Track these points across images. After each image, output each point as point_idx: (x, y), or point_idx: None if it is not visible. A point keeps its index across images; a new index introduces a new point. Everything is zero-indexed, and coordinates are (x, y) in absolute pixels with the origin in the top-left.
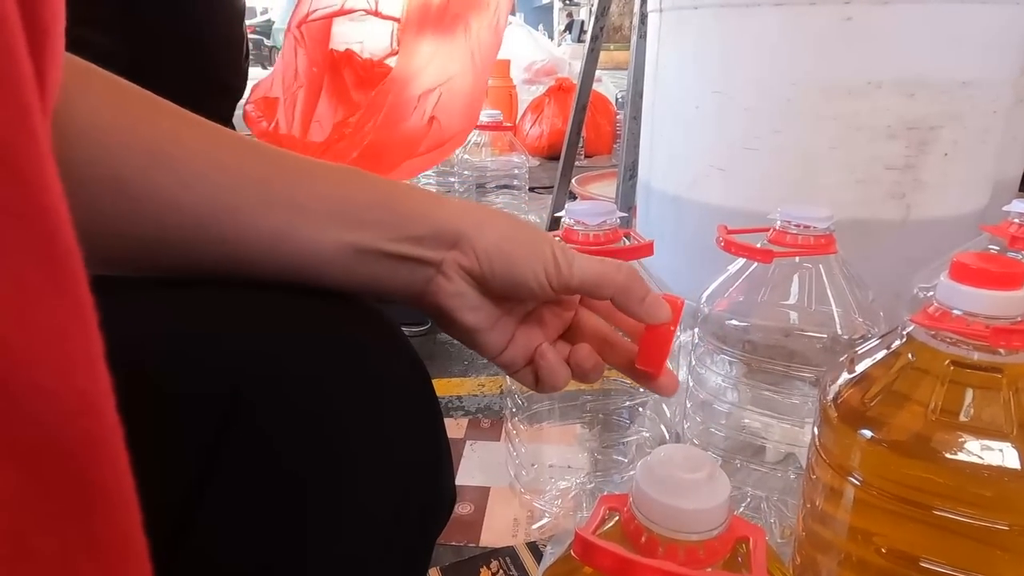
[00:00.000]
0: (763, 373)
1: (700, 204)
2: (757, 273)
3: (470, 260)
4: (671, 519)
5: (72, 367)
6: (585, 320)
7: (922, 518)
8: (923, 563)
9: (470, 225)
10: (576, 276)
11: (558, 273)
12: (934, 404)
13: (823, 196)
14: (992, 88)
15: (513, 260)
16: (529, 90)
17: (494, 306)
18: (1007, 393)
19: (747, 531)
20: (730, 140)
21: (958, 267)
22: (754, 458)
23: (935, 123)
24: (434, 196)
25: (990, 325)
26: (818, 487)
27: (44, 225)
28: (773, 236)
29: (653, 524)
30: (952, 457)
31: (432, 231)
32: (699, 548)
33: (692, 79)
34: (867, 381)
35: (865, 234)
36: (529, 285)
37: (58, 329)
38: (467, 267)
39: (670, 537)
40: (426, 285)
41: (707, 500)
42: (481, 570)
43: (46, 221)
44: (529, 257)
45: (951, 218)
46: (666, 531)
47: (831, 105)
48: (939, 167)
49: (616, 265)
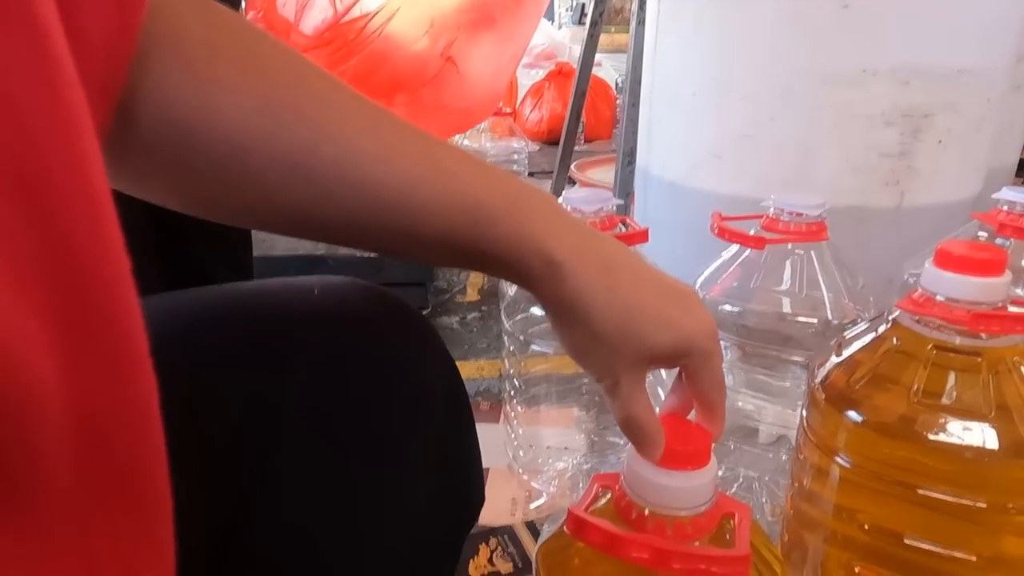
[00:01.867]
0: (757, 357)
1: (697, 191)
2: (750, 259)
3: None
4: (660, 496)
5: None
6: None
7: (905, 497)
8: (906, 540)
9: (588, 291)
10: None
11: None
12: (917, 387)
13: (819, 184)
14: (987, 76)
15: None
16: (529, 74)
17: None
18: (987, 376)
19: (733, 508)
20: (728, 128)
21: (942, 254)
22: (747, 440)
23: (929, 111)
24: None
25: (971, 311)
26: (805, 467)
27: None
28: (766, 223)
29: (643, 501)
30: (934, 438)
31: (540, 266)
32: (687, 524)
33: (690, 66)
34: (853, 364)
35: (860, 221)
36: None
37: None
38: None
39: (659, 513)
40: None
41: (695, 478)
42: (480, 548)
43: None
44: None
45: (944, 205)
46: (655, 507)
47: (828, 93)
48: (933, 154)
49: (630, 427)
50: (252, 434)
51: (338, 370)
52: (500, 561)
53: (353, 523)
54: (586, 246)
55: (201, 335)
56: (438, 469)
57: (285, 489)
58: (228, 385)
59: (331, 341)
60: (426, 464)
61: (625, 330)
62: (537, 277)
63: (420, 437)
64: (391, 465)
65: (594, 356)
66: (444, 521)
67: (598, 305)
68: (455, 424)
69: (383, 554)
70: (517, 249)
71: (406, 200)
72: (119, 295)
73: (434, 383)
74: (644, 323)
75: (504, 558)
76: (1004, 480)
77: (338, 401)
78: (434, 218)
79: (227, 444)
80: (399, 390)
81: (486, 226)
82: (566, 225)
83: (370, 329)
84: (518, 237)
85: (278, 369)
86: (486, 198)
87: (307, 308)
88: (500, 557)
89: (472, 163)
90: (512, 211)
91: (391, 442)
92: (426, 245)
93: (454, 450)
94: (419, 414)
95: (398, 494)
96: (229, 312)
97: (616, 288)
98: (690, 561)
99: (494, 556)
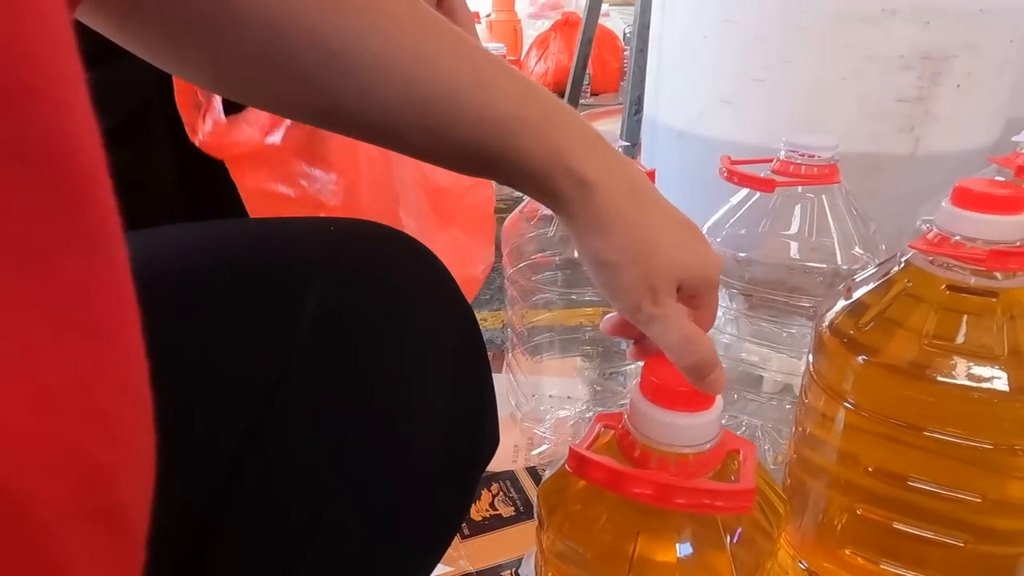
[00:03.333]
0: (764, 307)
1: (706, 138)
2: (759, 204)
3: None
4: (665, 434)
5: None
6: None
7: (911, 440)
8: (910, 482)
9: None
10: (652, 332)
11: (635, 318)
12: (929, 328)
13: (832, 129)
14: (1011, 15)
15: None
16: (534, 24)
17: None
18: (1001, 318)
19: (739, 444)
20: (738, 71)
21: (960, 192)
22: (752, 389)
23: (950, 52)
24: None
25: (989, 249)
26: (810, 412)
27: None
28: (777, 166)
29: (647, 439)
30: (943, 379)
31: (569, 184)
32: (691, 461)
33: (700, 6)
34: (863, 307)
35: (873, 168)
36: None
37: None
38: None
39: (663, 450)
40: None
41: (702, 416)
42: (482, 493)
43: None
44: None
45: (961, 152)
46: (659, 445)
47: (843, 33)
48: (951, 99)
49: (691, 347)
50: (262, 366)
51: (351, 305)
52: (502, 505)
53: (367, 458)
54: (616, 169)
55: (214, 268)
56: (453, 404)
57: (295, 422)
58: (239, 318)
59: (344, 275)
60: (440, 400)
61: (657, 247)
62: (565, 194)
63: (434, 374)
64: (405, 400)
65: (625, 277)
66: (460, 458)
67: (628, 222)
68: (470, 362)
69: (399, 488)
70: (548, 164)
71: (443, 104)
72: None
73: (447, 322)
74: (673, 244)
75: (506, 502)
76: (1013, 422)
77: (349, 336)
78: (468, 125)
79: (237, 374)
80: (413, 327)
81: (518, 138)
82: (597, 146)
83: (385, 266)
84: (550, 153)
85: (290, 302)
86: (522, 111)
87: (323, 243)
88: (502, 501)
89: (512, 75)
90: (546, 127)
91: (403, 379)
92: (457, 150)
93: (469, 387)
94: (433, 352)
95: (413, 429)
96: (243, 244)
97: (643, 211)
98: (693, 496)
99: (496, 500)
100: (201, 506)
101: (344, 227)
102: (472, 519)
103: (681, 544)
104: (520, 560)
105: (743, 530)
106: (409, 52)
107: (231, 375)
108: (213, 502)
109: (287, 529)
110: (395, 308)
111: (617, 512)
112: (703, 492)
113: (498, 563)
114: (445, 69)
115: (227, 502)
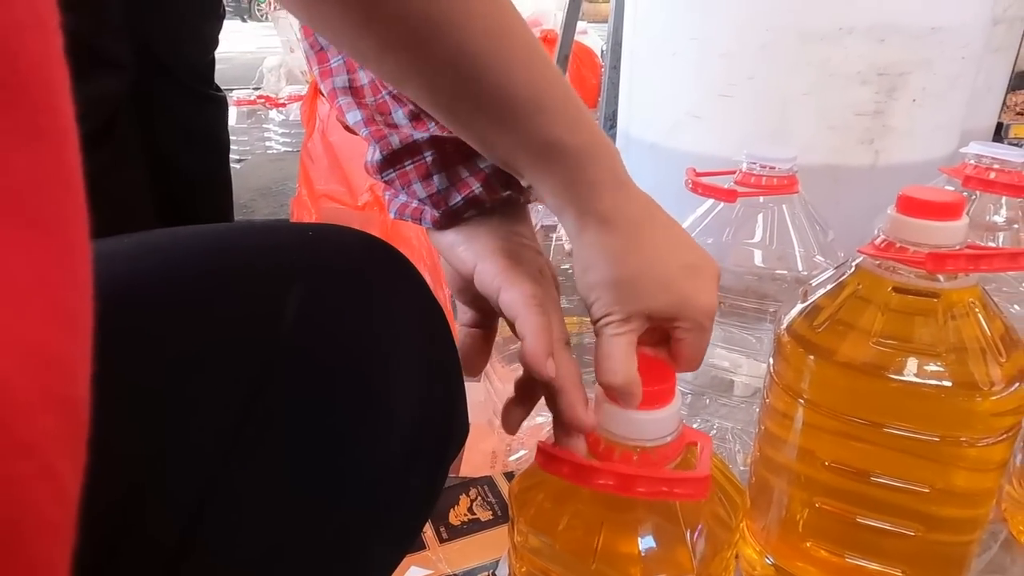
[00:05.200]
0: (733, 314)
1: (677, 151)
2: (723, 214)
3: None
4: (627, 429)
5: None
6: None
7: (863, 435)
8: (864, 475)
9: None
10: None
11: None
12: (877, 328)
13: (796, 142)
14: (961, 33)
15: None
16: None
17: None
18: (943, 318)
19: (696, 437)
20: (706, 87)
21: (904, 200)
22: (724, 393)
23: (904, 69)
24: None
25: (928, 252)
26: (771, 412)
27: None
28: (739, 178)
29: (610, 433)
30: (891, 377)
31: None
32: (652, 453)
33: (670, 25)
34: (817, 309)
35: (835, 179)
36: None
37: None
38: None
39: (625, 444)
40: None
41: (661, 411)
42: (461, 498)
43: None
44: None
45: (918, 163)
46: (621, 439)
47: (805, 51)
48: (907, 113)
49: (611, 370)
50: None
51: (330, 304)
52: (480, 510)
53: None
54: (623, 207)
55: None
56: (425, 398)
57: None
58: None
59: (324, 276)
60: (411, 393)
61: (633, 285)
62: (577, 222)
63: (406, 369)
64: (378, 395)
65: (597, 301)
66: (430, 449)
67: (611, 260)
68: (440, 357)
69: (366, 483)
70: (570, 195)
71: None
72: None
73: (419, 320)
74: (647, 284)
75: (484, 507)
76: (956, 415)
77: (329, 334)
78: (510, 141)
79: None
80: (385, 325)
81: (554, 164)
82: (622, 182)
83: (361, 267)
84: (576, 185)
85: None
86: (565, 138)
87: (301, 246)
88: (480, 506)
89: (567, 97)
90: (583, 157)
91: (373, 371)
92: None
93: (439, 380)
94: (405, 348)
95: (384, 420)
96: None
97: (633, 250)
98: (653, 484)
99: (474, 505)
100: (186, 498)
101: (321, 229)
102: (451, 523)
103: (643, 536)
104: (497, 562)
105: (702, 522)
106: (480, 55)
107: (214, 374)
108: (198, 497)
109: (265, 519)
110: (369, 307)
111: (583, 506)
112: (662, 480)
113: (476, 566)
114: (510, 80)
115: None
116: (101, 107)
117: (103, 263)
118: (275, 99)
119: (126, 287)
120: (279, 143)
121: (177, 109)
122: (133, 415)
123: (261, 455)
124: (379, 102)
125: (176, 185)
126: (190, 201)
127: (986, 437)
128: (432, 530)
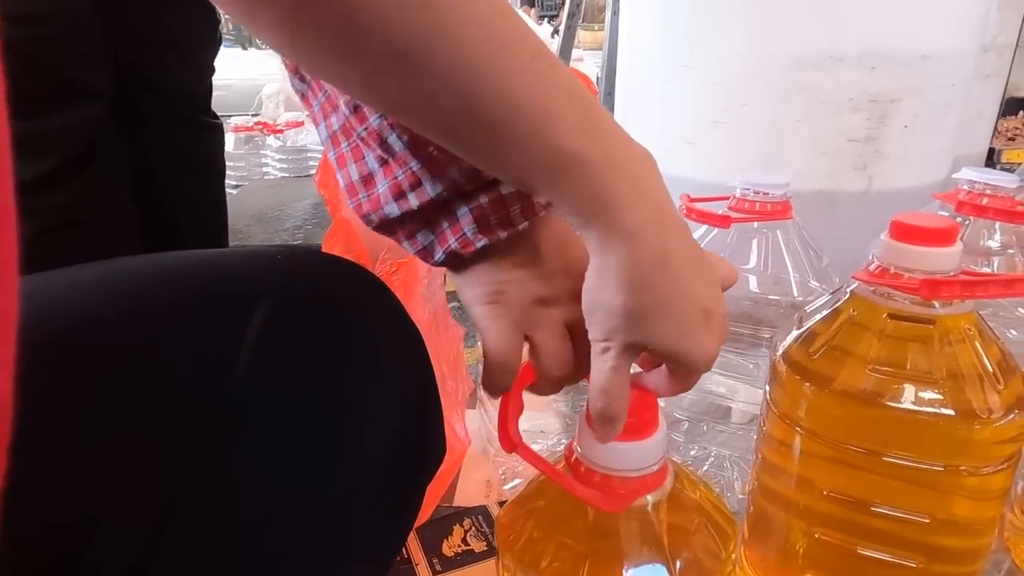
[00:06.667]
0: (730, 340)
1: (671, 177)
2: (717, 240)
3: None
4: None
5: None
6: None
7: (862, 463)
8: (864, 505)
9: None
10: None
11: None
12: (872, 355)
13: (789, 168)
14: (951, 61)
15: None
16: None
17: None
18: (939, 344)
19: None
20: (700, 114)
21: (898, 226)
22: (721, 420)
23: (896, 96)
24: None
25: (923, 279)
26: (768, 440)
27: None
28: (733, 203)
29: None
30: (889, 404)
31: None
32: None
33: (663, 54)
34: (813, 336)
35: (829, 205)
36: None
37: None
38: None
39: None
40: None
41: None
42: (454, 528)
43: None
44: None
45: (911, 189)
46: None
47: (797, 78)
48: (899, 139)
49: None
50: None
51: (298, 320)
52: (474, 540)
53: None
54: (651, 227)
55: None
56: (397, 418)
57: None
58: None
59: (291, 293)
60: (384, 413)
61: (645, 320)
62: (598, 240)
63: (377, 387)
64: (348, 412)
65: (600, 323)
66: (404, 469)
67: (628, 288)
68: (416, 374)
69: (342, 503)
70: (590, 212)
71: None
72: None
73: (394, 337)
74: (660, 323)
75: (477, 537)
76: (954, 443)
77: (296, 348)
78: (520, 154)
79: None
80: (359, 341)
81: (569, 177)
82: (647, 191)
83: (332, 285)
84: (596, 199)
85: (234, 324)
86: (581, 148)
87: (269, 268)
88: (473, 536)
89: (581, 104)
90: (602, 166)
91: (345, 392)
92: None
93: (413, 399)
94: (379, 364)
95: (355, 442)
96: (190, 271)
97: (653, 285)
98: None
99: (468, 536)
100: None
101: (291, 253)
102: (444, 555)
103: (627, 569)
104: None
105: (689, 553)
106: (475, 68)
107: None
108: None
109: (236, 531)
110: (341, 323)
111: (569, 538)
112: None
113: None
114: (511, 91)
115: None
116: (79, 134)
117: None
118: (273, 125)
119: (89, 314)
120: (276, 169)
121: (172, 136)
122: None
123: (221, 484)
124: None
125: (171, 211)
126: (185, 227)
127: (986, 465)
128: (425, 562)
